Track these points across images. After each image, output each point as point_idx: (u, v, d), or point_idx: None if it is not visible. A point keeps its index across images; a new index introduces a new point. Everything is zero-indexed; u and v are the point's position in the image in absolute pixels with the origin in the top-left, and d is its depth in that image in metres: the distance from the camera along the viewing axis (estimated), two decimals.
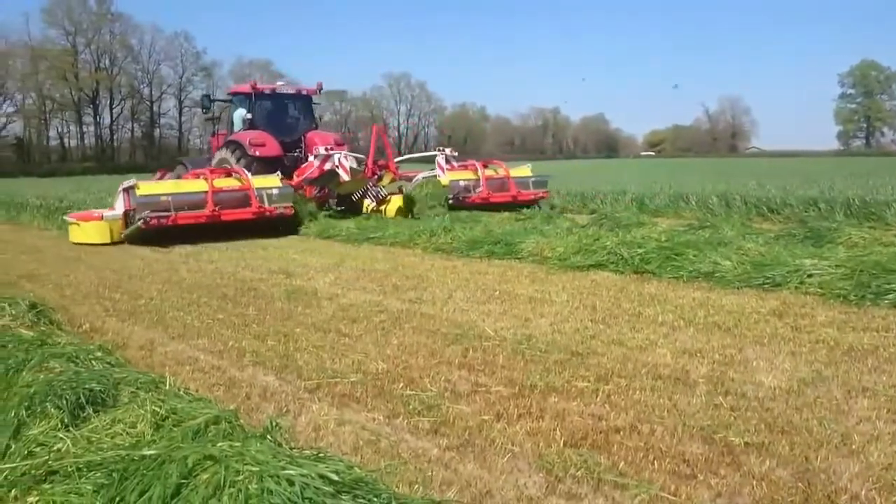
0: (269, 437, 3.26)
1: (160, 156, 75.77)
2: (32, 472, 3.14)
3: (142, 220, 13.06)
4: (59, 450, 3.28)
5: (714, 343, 5.76)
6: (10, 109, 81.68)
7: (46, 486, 3.05)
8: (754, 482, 3.42)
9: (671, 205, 18.10)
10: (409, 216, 15.88)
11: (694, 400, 4.50)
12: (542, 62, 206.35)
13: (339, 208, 16.84)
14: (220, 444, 2.96)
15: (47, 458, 3.21)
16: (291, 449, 3.19)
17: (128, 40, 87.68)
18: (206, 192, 13.69)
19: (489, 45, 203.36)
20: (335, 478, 2.77)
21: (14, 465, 3.23)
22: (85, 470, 3.07)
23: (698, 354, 5.46)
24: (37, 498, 2.99)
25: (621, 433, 4.02)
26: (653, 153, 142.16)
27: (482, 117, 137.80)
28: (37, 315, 6.04)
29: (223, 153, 17.31)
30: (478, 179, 16.77)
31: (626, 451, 3.78)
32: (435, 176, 17.11)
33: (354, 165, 15.82)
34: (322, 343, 6.04)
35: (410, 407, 4.49)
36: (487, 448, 3.87)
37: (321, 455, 3.03)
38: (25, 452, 3.33)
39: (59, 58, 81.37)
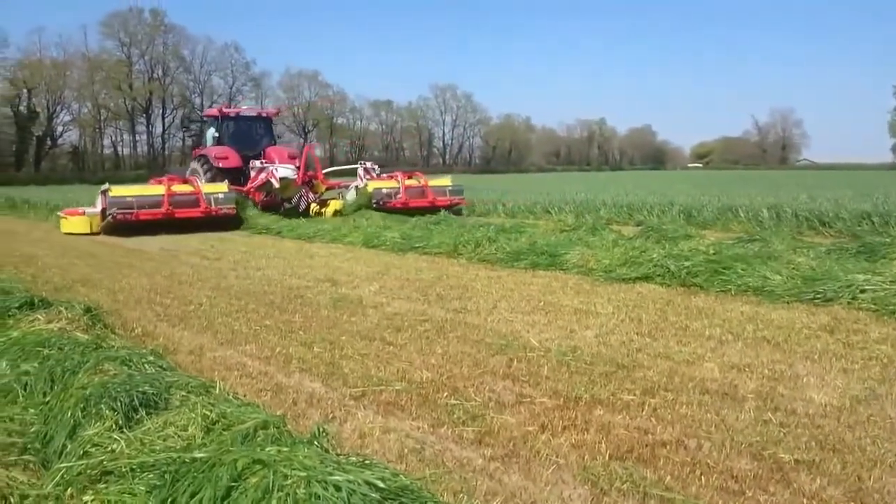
0: (316, 442, 3.30)
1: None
2: (88, 471, 3.22)
3: (111, 216, 17.32)
4: (113, 450, 3.35)
5: (763, 358, 5.67)
6: (67, 118, 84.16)
7: (101, 485, 3.13)
8: (805, 500, 3.37)
9: (719, 217, 17.82)
10: (340, 216, 19.21)
11: (742, 415, 4.44)
12: (588, 73, 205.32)
13: (283, 209, 20.51)
14: (268, 449, 3.00)
15: (102, 458, 3.28)
16: (338, 455, 3.22)
17: (180, 51, 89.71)
18: (164, 195, 17.80)
19: (535, 57, 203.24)
20: (381, 485, 2.79)
21: (70, 464, 3.32)
22: (138, 471, 3.14)
23: (747, 369, 5.38)
24: (92, 497, 3.07)
25: (667, 447, 3.99)
26: (700, 165, 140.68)
27: (527, 128, 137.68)
28: (91, 319, 6.18)
29: (194, 164, 21.76)
30: (398, 188, 20.15)
31: (672, 465, 3.75)
32: (365, 185, 20.59)
33: (288, 175, 19.65)
34: (367, 351, 6.09)
35: (455, 416, 4.51)
36: (532, 459, 3.87)
37: (367, 462, 3.05)
38: (81, 452, 3.41)
39: (114, 68, 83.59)
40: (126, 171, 76.04)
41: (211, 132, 22.56)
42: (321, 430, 3.43)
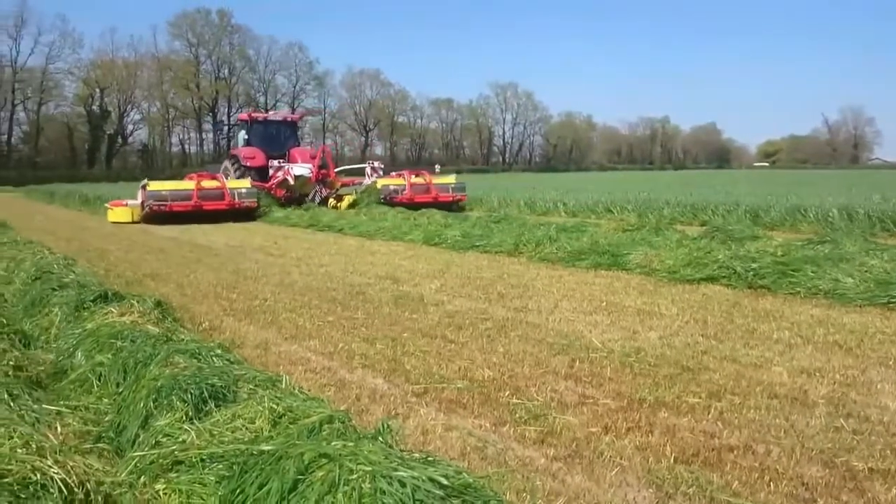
0: (380, 438, 3.33)
1: None
2: (160, 460, 3.32)
3: (147, 207, 19.99)
4: (183, 441, 3.44)
5: (834, 363, 5.51)
6: (137, 117, 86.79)
7: (173, 474, 3.22)
8: None
9: (787, 218, 17.38)
10: (354, 208, 21.36)
11: (813, 421, 4.33)
12: (651, 70, 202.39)
13: (311, 202, 22.98)
14: (334, 443, 3.04)
15: (173, 448, 3.37)
16: (401, 451, 3.25)
17: (246, 51, 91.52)
18: (193, 189, 20.37)
19: (598, 54, 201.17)
20: (445, 482, 2.80)
21: (143, 453, 3.42)
22: (208, 461, 3.23)
23: (817, 374, 5.24)
24: (164, 486, 3.16)
25: (735, 452, 3.91)
26: (767, 164, 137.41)
27: (589, 126, 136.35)
28: (161, 312, 6.34)
29: (226, 163, 25.24)
30: (405, 184, 22.57)
31: (740, 470, 3.67)
32: (374, 182, 23.20)
33: (304, 173, 22.79)
34: (429, 348, 6.12)
35: (517, 415, 4.50)
36: (595, 460, 3.83)
37: (430, 458, 3.06)
38: (153, 442, 3.51)
39: (182, 68, 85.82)
40: (193, 168, 77.85)
41: (242, 134, 25.75)
42: (385, 425, 3.46)
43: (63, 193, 35.73)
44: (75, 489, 3.08)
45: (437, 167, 30.94)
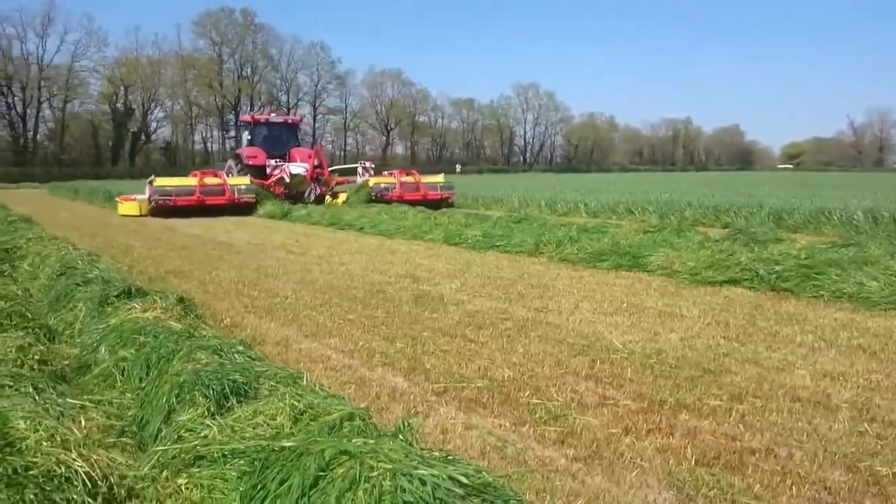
0: (400, 436, 3.33)
1: None
2: (182, 455, 3.34)
3: (154, 201, 21.74)
4: (205, 436, 3.47)
5: (858, 367, 5.46)
6: (161, 115, 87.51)
7: (195, 469, 3.24)
8: None
9: (811, 220, 17.21)
10: (347, 204, 23.08)
11: (836, 425, 4.29)
12: (673, 71, 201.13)
13: (307, 199, 24.73)
14: (354, 441, 3.05)
15: (195, 443, 3.40)
16: (421, 449, 3.25)
17: (268, 50, 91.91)
18: (196, 185, 22.20)
19: (619, 54, 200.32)
20: (465, 481, 2.80)
21: (165, 447, 3.45)
22: (229, 456, 3.25)
23: (841, 378, 5.19)
24: (186, 480, 3.18)
25: (757, 455, 3.88)
26: (790, 166, 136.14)
27: (611, 127, 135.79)
28: (184, 309, 6.39)
29: (230, 162, 27.13)
30: (394, 183, 24.18)
31: (761, 473, 3.65)
32: (366, 180, 24.81)
33: (299, 172, 24.49)
34: (448, 347, 6.13)
35: (537, 416, 4.49)
36: (615, 461, 3.82)
37: (450, 457, 3.07)
38: (175, 437, 3.55)
39: (205, 67, 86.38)
40: (214, 166, 78.37)
41: (245, 135, 27.83)
42: (406, 423, 3.47)
43: (87, 190, 36.07)
44: (99, 482, 3.12)
45: (458, 167, 32.11)
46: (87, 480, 3.07)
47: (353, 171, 27.29)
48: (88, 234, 16.92)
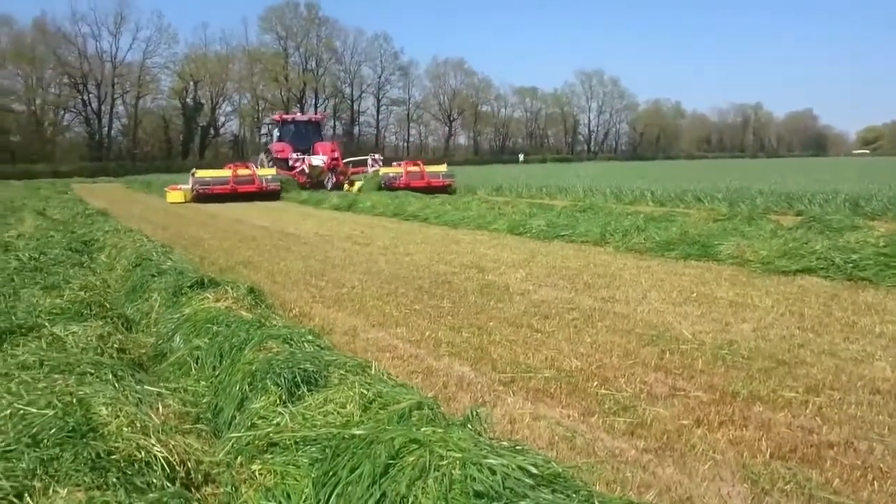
0: (469, 425, 3.34)
1: (358, 152, 79.98)
2: (256, 442, 3.42)
3: (195, 190, 25.89)
4: (278, 424, 3.53)
5: None
6: (229, 109, 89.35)
7: (268, 456, 3.31)
8: None
9: (890, 207, 16.58)
10: (360, 191, 26.32)
11: None
12: (742, 55, 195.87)
13: (326, 187, 29.34)
14: (424, 429, 3.06)
15: (268, 430, 3.47)
16: (490, 439, 3.25)
17: (333, 43, 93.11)
18: (230, 176, 26.48)
19: (686, 39, 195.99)
20: (534, 471, 2.79)
21: (239, 434, 3.53)
22: (301, 444, 3.30)
23: None
24: (260, 466, 3.25)
25: (835, 449, 3.77)
26: (867, 151, 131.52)
27: (677, 113, 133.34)
28: (254, 299, 6.51)
29: (262, 156, 32.76)
30: (401, 173, 27.63)
31: (840, 468, 3.54)
32: (377, 171, 28.74)
33: (318, 163, 29.57)
34: (515, 337, 6.11)
35: (605, 406, 4.45)
36: (687, 453, 3.76)
37: (519, 447, 3.06)
38: (249, 424, 3.62)
39: (271, 61, 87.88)
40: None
41: (275, 132, 33.48)
42: (474, 413, 3.47)
43: (160, 183, 37.01)
44: (177, 467, 3.21)
45: (521, 156, 34.18)
46: (165, 465, 3.17)
47: (364, 163, 31.10)
48: (161, 226, 17.40)
